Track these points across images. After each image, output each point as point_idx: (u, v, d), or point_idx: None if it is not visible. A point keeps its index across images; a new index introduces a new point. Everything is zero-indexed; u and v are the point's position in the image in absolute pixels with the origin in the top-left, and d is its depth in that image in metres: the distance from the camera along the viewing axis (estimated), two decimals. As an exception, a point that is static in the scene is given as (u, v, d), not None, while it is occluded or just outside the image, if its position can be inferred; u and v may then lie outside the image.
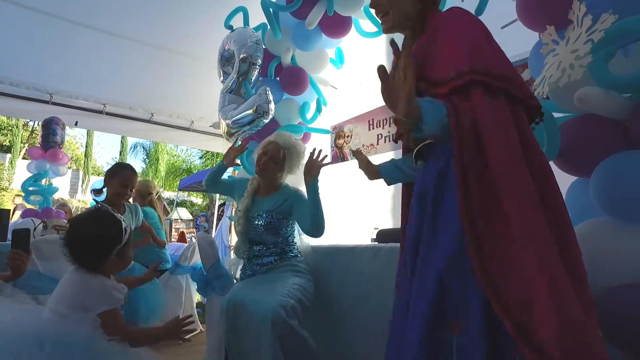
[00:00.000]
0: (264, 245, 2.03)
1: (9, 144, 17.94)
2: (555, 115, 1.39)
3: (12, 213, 6.47)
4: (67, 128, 4.85)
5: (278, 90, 2.85)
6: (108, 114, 4.85)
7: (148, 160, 19.88)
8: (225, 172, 2.30)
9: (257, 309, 1.67)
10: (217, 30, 2.88)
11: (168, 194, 19.10)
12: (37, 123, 15.67)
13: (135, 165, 2.81)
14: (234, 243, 2.84)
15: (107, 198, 2.58)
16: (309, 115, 2.94)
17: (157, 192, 3.63)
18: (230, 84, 2.71)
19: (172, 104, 4.99)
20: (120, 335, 1.43)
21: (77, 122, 4.80)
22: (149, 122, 5.10)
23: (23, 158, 16.45)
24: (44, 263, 2.51)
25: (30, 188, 4.46)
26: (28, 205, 4.79)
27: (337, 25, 2.65)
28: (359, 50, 3.12)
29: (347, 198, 3.28)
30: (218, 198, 8.18)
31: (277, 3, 2.61)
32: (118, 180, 2.52)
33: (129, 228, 1.61)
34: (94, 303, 1.40)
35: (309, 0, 2.52)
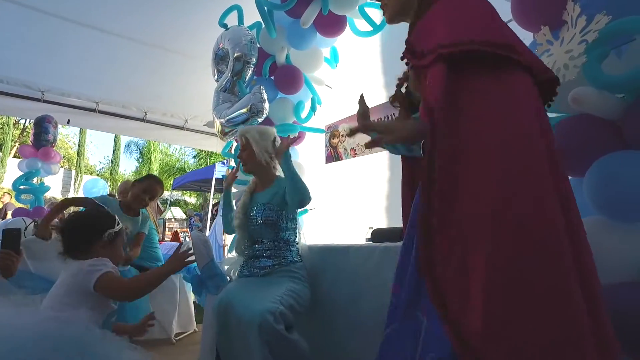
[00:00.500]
0: (264, 244, 2.02)
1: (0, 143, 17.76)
2: (550, 115, 1.39)
3: (4, 213, 6.42)
4: (59, 126, 4.81)
5: (272, 89, 2.84)
6: (101, 112, 4.81)
7: (141, 159, 19.78)
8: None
9: (245, 313, 1.66)
10: (211, 29, 2.87)
11: (161, 193, 19.02)
12: (28, 121, 15.54)
13: (129, 164, 2.88)
14: (230, 242, 2.83)
15: (126, 200, 2.79)
16: (304, 115, 2.94)
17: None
18: (225, 83, 2.69)
19: (165, 103, 4.97)
20: (127, 291, 1.46)
21: (69, 120, 4.75)
22: (143, 120, 5.07)
23: (14, 156, 16.29)
24: (35, 263, 2.48)
25: (22, 187, 4.43)
26: (17, 204, 4.74)
27: (332, 25, 2.64)
28: (354, 50, 3.12)
29: (341, 197, 3.27)
30: (212, 197, 8.14)
31: (271, 2, 2.60)
32: (143, 186, 2.74)
33: (124, 225, 1.63)
34: (84, 280, 1.38)
35: (304, -1, 2.52)
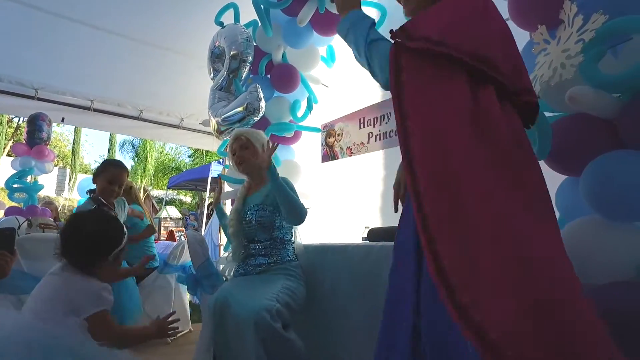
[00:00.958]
0: (259, 243, 2.01)
1: (-8, 141, 17.61)
2: (547, 115, 1.39)
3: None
4: (54, 125, 4.77)
5: (269, 88, 2.83)
6: (96, 111, 4.77)
7: (137, 158, 19.69)
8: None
9: (240, 311, 1.64)
10: (207, 27, 2.85)
11: (157, 193, 18.95)
12: (22, 119, 15.41)
13: (124, 164, 2.80)
14: (225, 241, 2.82)
15: (95, 195, 2.55)
16: (300, 114, 2.93)
17: (134, 185, 3.59)
18: (221, 81, 2.68)
19: (161, 101, 4.94)
20: (110, 338, 1.36)
21: (63, 118, 4.71)
22: (138, 119, 5.03)
23: (7, 155, 16.15)
24: (28, 262, 2.45)
25: (15, 185, 4.38)
26: (10, 203, 4.69)
27: (328, 23, 2.63)
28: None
29: (337, 197, 3.27)
30: (208, 196, 8.11)
31: (268, 0, 2.59)
32: (105, 177, 2.52)
33: (126, 232, 1.58)
34: (84, 305, 1.33)
35: (300, -3, 2.50)
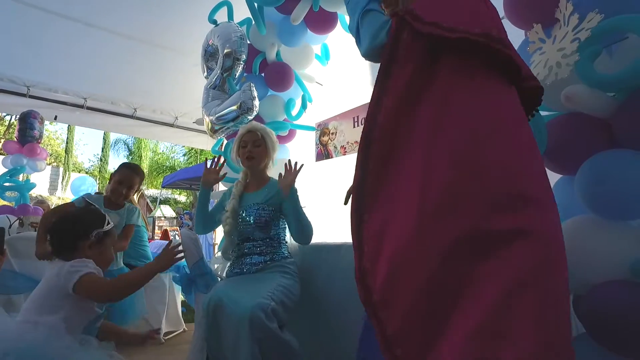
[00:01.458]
0: (255, 243, 1.99)
1: (-17, 139, 17.43)
2: (542, 114, 1.39)
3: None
4: (47, 123, 4.72)
5: (263, 87, 2.81)
6: (89, 109, 4.73)
7: (131, 157, 19.58)
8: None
9: (235, 310, 1.62)
10: (201, 25, 2.83)
11: (151, 192, 18.84)
12: (14, 117, 15.25)
13: (119, 163, 2.87)
14: (220, 240, 2.79)
15: (88, 194, 2.72)
16: (294, 112, 2.91)
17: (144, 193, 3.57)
18: (214, 80, 2.66)
19: (155, 99, 4.91)
20: (109, 292, 1.37)
21: (56, 116, 4.66)
22: (132, 117, 5.00)
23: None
24: (19, 261, 2.42)
25: (6, 184, 4.33)
26: (1, 202, 4.64)
27: (322, 21, 2.62)
28: (345, 47, 3.09)
29: (332, 195, 3.25)
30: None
31: (262, -3, 2.57)
32: (115, 178, 2.62)
33: (113, 225, 1.58)
34: (68, 278, 1.32)
35: (295, -5, 2.48)
